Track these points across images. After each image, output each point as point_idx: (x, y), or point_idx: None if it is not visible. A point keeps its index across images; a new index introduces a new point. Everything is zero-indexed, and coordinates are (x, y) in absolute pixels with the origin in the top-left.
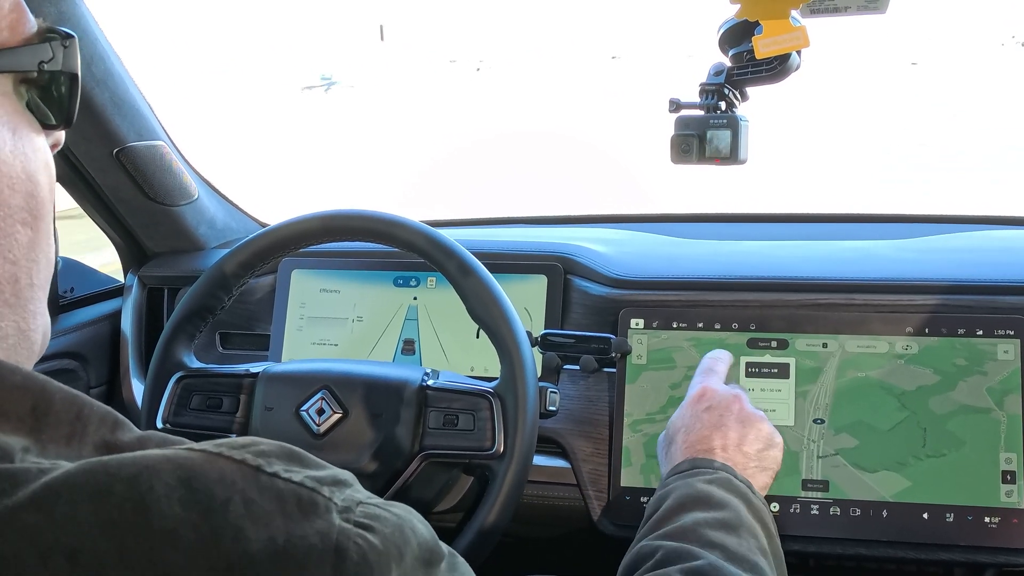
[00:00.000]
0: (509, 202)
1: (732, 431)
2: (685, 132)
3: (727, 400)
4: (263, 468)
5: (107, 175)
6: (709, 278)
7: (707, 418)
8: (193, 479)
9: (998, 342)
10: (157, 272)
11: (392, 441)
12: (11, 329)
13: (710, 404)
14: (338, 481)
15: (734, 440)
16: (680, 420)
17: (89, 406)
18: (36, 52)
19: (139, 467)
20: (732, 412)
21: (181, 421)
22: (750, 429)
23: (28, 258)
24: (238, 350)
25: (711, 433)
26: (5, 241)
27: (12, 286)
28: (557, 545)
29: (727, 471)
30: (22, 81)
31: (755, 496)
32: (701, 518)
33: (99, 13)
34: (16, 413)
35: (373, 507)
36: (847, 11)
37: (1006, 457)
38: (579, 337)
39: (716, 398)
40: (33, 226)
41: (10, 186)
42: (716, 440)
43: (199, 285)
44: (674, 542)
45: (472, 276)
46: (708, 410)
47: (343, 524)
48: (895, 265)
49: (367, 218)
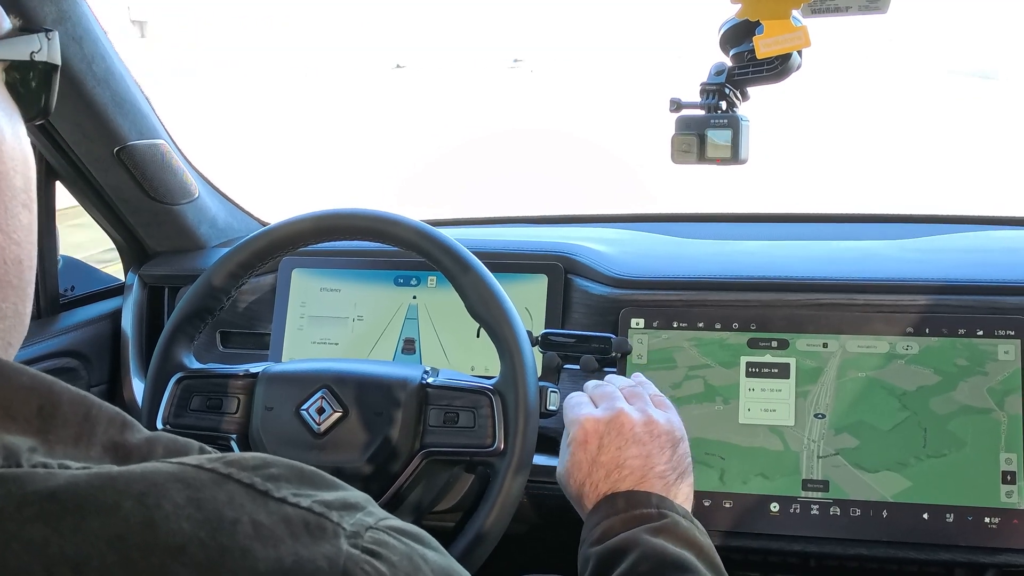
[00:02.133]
0: (510, 201)
1: (634, 458)
2: (686, 132)
3: (612, 425)
4: (271, 493)
5: (108, 174)
6: (710, 278)
7: (604, 458)
8: (202, 500)
9: (999, 342)
10: (158, 271)
11: (393, 439)
12: (10, 311)
13: (600, 441)
14: (348, 505)
15: (641, 464)
16: (574, 470)
17: (97, 407)
18: (28, 42)
19: (147, 484)
20: (623, 435)
21: (181, 422)
22: (651, 442)
23: (28, 240)
24: (238, 349)
25: (612, 470)
26: (12, 222)
27: (16, 267)
28: (557, 545)
29: (666, 507)
30: (4, 71)
31: (699, 532)
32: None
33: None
34: (23, 414)
35: (383, 534)
36: (848, 11)
37: (1006, 457)
38: (580, 337)
39: (599, 429)
40: (30, 208)
41: (13, 168)
42: (613, 476)
43: (198, 286)
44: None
45: (470, 272)
46: (600, 448)
47: (351, 550)
48: (896, 265)
49: (361, 216)
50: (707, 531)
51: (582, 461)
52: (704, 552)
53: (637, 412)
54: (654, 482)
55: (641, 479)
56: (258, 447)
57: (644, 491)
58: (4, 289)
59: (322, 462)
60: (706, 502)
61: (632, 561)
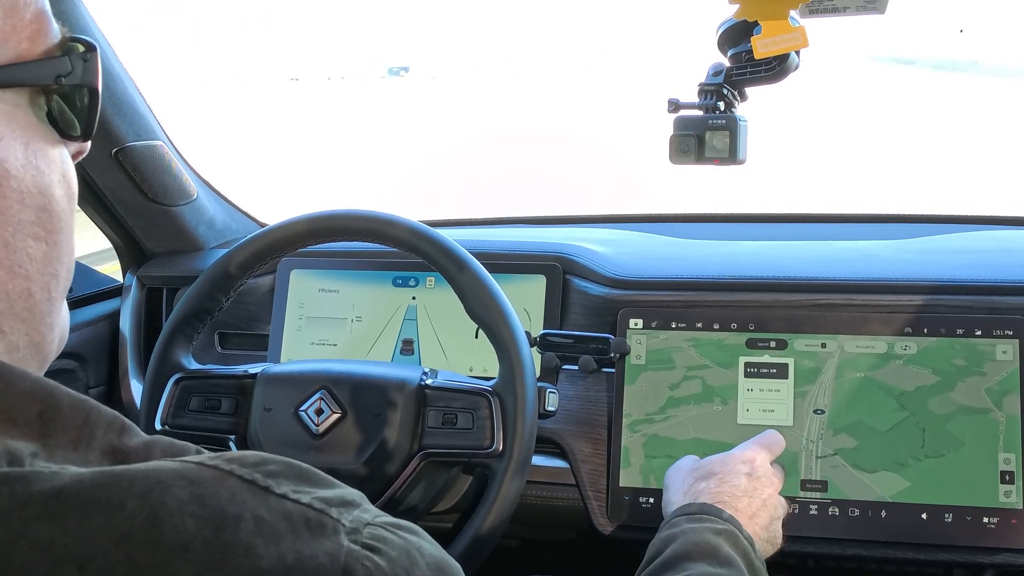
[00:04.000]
0: (508, 202)
1: (755, 506)
2: (684, 132)
3: (767, 480)
4: (272, 489)
5: (106, 175)
6: (708, 278)
7: (745, 483)
8: (205, 496)
9: (997, 343)
10: (156, 272)
11: (391, 440)
12: (23, 342)
13: (752, 472)
14: (346, 502)
15: (753, 514)
16: (720, 466)
17: (96, 411)
18: (54, 65)
19: (151, 482)
20: (766, 492)
21: (180, 423)
22: (765, 514)
23: (44, 272)
24: (237, 350)
25: (741, 495)
26: (16, 256)
27: (25, 300)
28: (556, 545)
29: (734, 524)
30: (41, 93)
31: (756, 557)
32: (708, 571)
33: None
34: (24, 418)
35: (380, 529)
36: (846, 11)
37: (1004, 458)
38: (578, 337)
39: (761, 472)
40: (48, 240)
41: (20, 200)
42: (741, 503)
43: (196, 287)
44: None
45: (466, 271)
46: (749, 476)
47: (351, 546)
48: (894, 265)
49: (357, 217)
50: None
51: (729, 465)
52: (755, 569)
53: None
54: (749, 525)
55: (742, 515)
56: (256, 448)
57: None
58: (12, 322)
59: (320, 463)
60: None
61: (682, 544)
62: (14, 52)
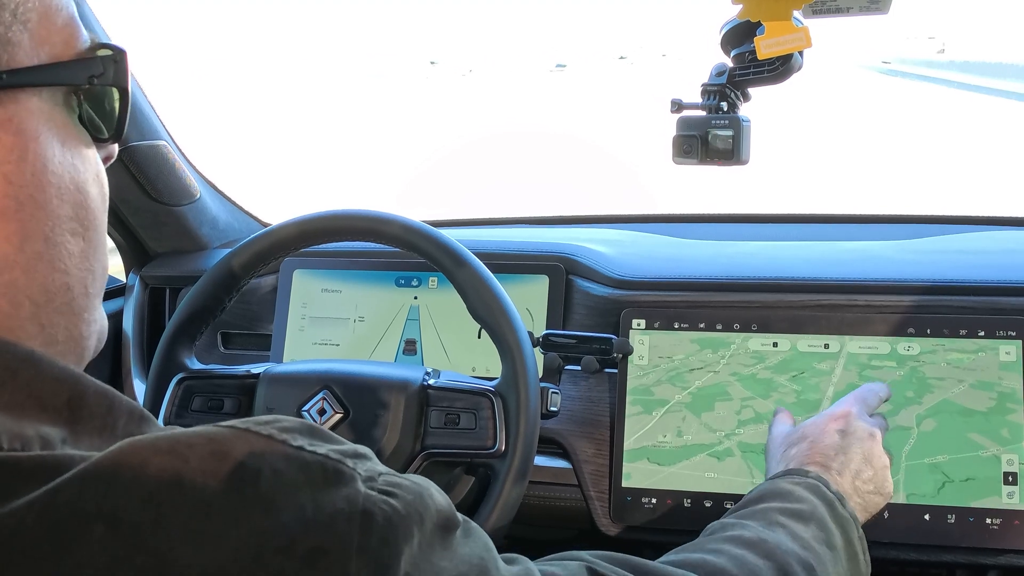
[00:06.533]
0: (511, 202)
1: (853, 462)
2: (687, 132)
3: (863, 433)
4: (288, 442)
5: (109, 175)
6: (711, 279)
7: (837, 440)
8: (225, 452)
9: (1000, 343)
10: (159, 272)
11: (393, 440)
12: (61, 336)
13: (846, 429)
14: (359, 454)
15: (852, 471)
16: (812, 428)
17: (119, 400)
18: (87, 66)
19: (174, 442)
20: (863, 446)
21: (183, 423)
22: (868, 468)
23: (82, 268)
24: (240, 350)
25: (835, 454)
26: (55, 251)
27: (64, 295)
28: (558, 546)
29: (819, 480)
30: (73, 94)
31: (843, 507)
32: (775, 506)
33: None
34: (53, 405)
35: (393, 476)
36: (849, 12)
37: (1007, 458)
38: (581, 338)
39: (854, 426)
40: (84, 236)
41: (58, 196)
42: (835, 462)
43: (199, 287)
44: (736, 519)
45: (465, 267)
46: (842, 433)
47: (368, 491)
48: (897, 266)
49: (356, 217)
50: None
51: (820, 426)
52: (839, 517)
53: (882, 448)
54: (845, 485)
55: (838, 475)
56: None
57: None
58: (51, 315)
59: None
60: (707, 503)
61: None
62: (49, 54)
